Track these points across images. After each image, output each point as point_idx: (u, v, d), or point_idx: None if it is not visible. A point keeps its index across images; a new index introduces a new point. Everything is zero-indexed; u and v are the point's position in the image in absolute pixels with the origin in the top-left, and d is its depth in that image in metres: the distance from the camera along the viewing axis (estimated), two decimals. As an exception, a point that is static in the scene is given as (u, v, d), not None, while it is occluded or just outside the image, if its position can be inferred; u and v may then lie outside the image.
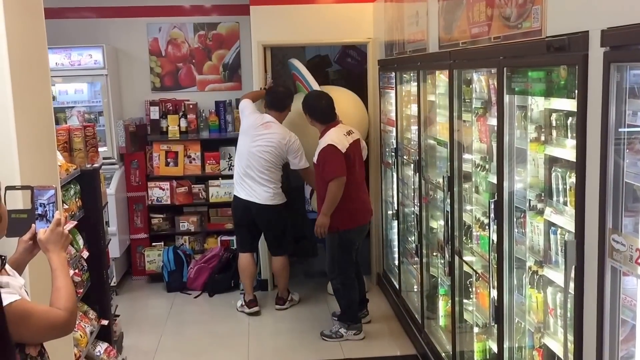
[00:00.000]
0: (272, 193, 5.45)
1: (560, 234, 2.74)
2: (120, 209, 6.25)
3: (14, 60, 2.56)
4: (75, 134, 3.95)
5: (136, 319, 5.58)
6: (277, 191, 5.51)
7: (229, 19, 6.85)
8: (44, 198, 2.32)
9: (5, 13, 2.46)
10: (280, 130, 5.42)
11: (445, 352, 4.24)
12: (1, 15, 2.45)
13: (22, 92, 2.67)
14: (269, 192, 5.44)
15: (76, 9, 6.62)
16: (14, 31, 2.58)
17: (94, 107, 6.41)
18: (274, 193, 5.47)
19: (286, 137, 5.39)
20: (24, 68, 2.74)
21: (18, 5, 2.72)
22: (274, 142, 5.38)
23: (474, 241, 3.74)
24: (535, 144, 2.89)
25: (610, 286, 2.16)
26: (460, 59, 3.60)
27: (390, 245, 6.08)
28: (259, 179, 5.43)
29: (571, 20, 2.32)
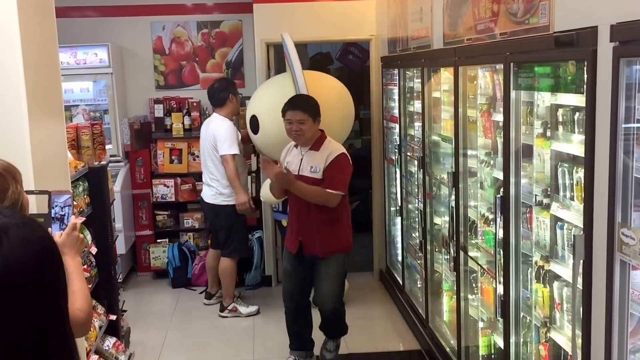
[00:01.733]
0: (215, 192, 5.48)
1: (567, 229, 2.76)
2: (125, 206, 6.28)
3: (27, 59, 2.58)
4: (83, 131, 3.98)
5: (142, 315, 5.61)
6: (221, 190, 5.44)
7: (231, 17, 6.87)
8: (60, 202, 2.35)
9: (19, 13, 2.49)
10: (214, 121, 5.46)
11: (450, 347, 4.27)
12: (15, 15, 2.48)
13: (35, 91, 2.70)
14: (212, 191, 5.49)
15: (80, 8, 6.64)
16: (27, 31, 2.61)
17: (99, 105, 6.44)
18: (216, 192, 5.47)
19: (218, 125, 5.39)
20: (36, 67, 2.77)
21: (31, 4, 2.74)
22: (207, 135, 5.45)
23: (478, 237, 3.77)
24: (541, 140, 2.92)
25: (619, 280, 2.18)
26: (465, 56, 3.63)
27: (393, 242, 6.11)
28: (206, 177, 5.57)
29: (580, 16, 2.34)
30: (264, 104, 5.18)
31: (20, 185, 2.12)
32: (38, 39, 2.86)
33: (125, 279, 6.32)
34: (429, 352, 4.62)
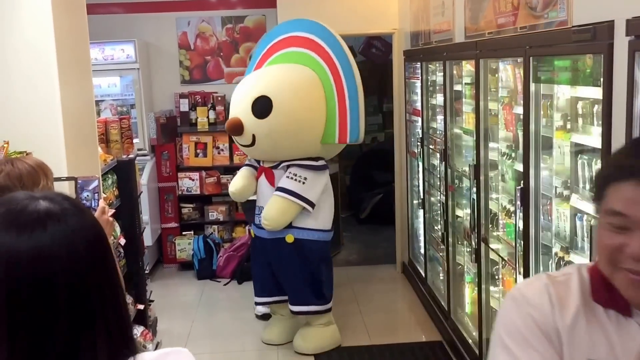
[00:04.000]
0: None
1: (586, 220, 2.79)
2: (151, 198, 6.41)
3: (61, 55, 2.69)
4: (111, 126, 4.09)
5: (169, 305, 5.73)
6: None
7: (255, 12, 6.95)
8: (89, 188, 2.44)
9: (53, 11, 2.59)
10: None
11: (471, 339, 4.31)
12: (49, 12, 2.58)
13: (67, 86, 2.81)
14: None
15: (107, 4, 6.77)
16: (60, 28, 2.71)
17: (126, 100, 6.58)
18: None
19: None
20: (69, 63, 2.88)
21: (63, 1, 2.84)
22: None
23: (500, 229, 3.80)
24: (561, 132, 2.95)
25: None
26: (486, 49, 3.66)
27: (416, 234, 6.15)
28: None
29: (597, 10, 2.37)
30: (279, 83, 4.50)
31: (50, 182, 2.23)
32: (71, 35, 2.96)
33: (151, 271, 6.45)
34: (450, 343, 4.66)
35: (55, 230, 1.03)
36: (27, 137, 2.71)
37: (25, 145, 2.64)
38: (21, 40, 2.83)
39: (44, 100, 2.75)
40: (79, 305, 1.03)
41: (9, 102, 2.89)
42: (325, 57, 4.54)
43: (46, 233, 1.02)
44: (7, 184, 2.11)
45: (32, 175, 2.15)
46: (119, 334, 1.09)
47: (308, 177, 4.45)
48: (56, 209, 1.06)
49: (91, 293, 1.05)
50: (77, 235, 1.05)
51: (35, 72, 2.74)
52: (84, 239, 1.06)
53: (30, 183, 2.13)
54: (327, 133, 4.48)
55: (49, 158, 2.61)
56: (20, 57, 2.86)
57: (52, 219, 1.04)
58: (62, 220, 1.05)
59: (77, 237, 1.05)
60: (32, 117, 2.82)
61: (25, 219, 1.03)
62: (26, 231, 1.02)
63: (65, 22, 2.88)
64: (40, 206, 1.05)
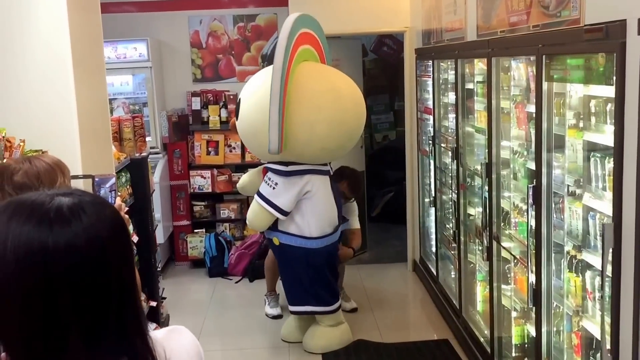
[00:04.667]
0: None
1: (599, 219, 2.79)
2: (163, 196, 6.44)
3: (76, 54, 2.72)
4: (125, 124, 4.12)
5: (180, 303, 5.77)
6: None
7: (267, 11, 6.97)
8: (107, 185, 2.47)
9: (68, 10, 2.62)
10: None
11: (483, 337, 4.32)
12: (65, 11, 2.61)
13: (82, 85, 2.84)
14: None
15: (120, 3, 6.80)
16: (76, 26, 2.74)
17: (139, 98, 6.61)
18: None
19: None
20: (84, 62, 2.90)
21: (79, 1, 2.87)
22: None
23: (512, 227, 3.80)
24: (574, 130, 2.95)
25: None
26: (498, 47, 3.66)
27: (427, 233, 6.15)
28: None
29: (609, 9, 2.37)
30: (249, 85, 4.60)
31: (68, 180, 2.26)
32: (85, 34, 2.99)
33: (163, 268, 6.48)
34: (462, 341, 4.67)
35: (81, 224, 1.06)
36: (42, 136, 2.74)
37: (40, 144, 2.67)
38: (37, 39, 2.86)
39: (60, 98, 2.78)
40: (102, 295, 1.07)
41: (25, 101, 2.93)
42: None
43: (73, 227, 1.06)
44: (25, 181, 2.15)
45: (50, 173, 2.18)
46: (135, 323, 1.13)
47: (279, 183, 4.38)
48: (77, 203, 1.09)
49: (112, 284, 1.09)
50: (100, 227, 1.09)
51: (51, 71, 2.77)
52: (107, 231, 1.10)
53: (48, 181, 2.16)
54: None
55: (64, 156, 2.64)
56: (36, 56, 2.89)
57: (76, 213, 1.08)
58: (86, 213, 1.08)
59: (101, 229, 1.09)
60: (47, 115, 2.86)
61: (51, 214, 1.06)
62: (56, 226, 1.05)
63: (80, 21, 2.91)
64: (63, 201, 1.08)
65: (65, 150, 2.31)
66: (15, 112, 2.90)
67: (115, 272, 1.10)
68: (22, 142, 2.74)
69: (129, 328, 1.12)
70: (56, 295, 1.03)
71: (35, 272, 1.03)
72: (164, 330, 1.25)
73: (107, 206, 1.16)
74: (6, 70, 2.92)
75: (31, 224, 1.05)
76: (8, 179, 2.18)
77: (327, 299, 4.67)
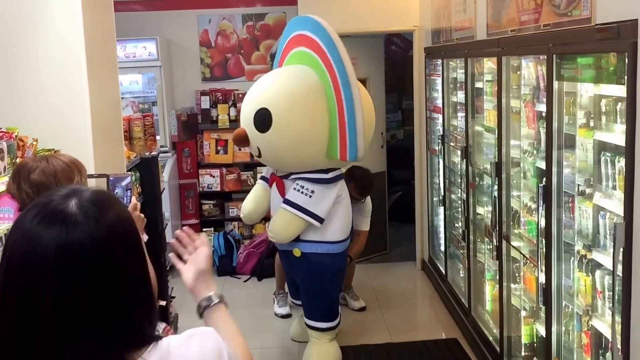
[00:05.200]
0: None
1: (609, 218, 2.79)
2: (172, 195, 6.46)
3: (90, 53, 2.74)
4: (135, 123, 4.14)
5: (189, 302, 5.71)
6: None
7: (276, 10, 6.98)
8: (122, 184, 2.48)
9: (82, 8, 2.64)
10: None
11: (492, 336, 4.31)
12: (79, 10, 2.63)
13: (95, 84, 2.86)
14: None
15: (129, 2, 6.83)
16: (90, 25, 2.76)
17: (148, 97, 6.64)
18: None
19: None
20: (97, 61, 2.93)
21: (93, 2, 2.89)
22: None
23: (521, 226, 3.80)
24: (584, 130, 2.94)
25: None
26: (509, 47, 3.66)
27: (436, 232, 6.15)
28: None
29: (620, 8, 2.37)
30: (279, 93, 4.08)
31: (84, 179, 2.28)
32: (99, 34, 3.02)
33: (171, 267, 6.48)
34: (471, 341, 4.67)
35: (89, 224, 1.13)
36: (55, 135, 2.77)
37: (53, 143, 2.69)
38: (51, 39, 2.88)
39: (73, 98, 2.80)
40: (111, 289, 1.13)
41: (39, 100, 2.95)
42: (326, 62, 3.99)
43: (83, 226, 1.12)
44: (42, 180, 2.18)
45: (67, 171, 2.21)
46: (147, 320, 1.19)
47: (315, 191, 4.10)
48: (87, 205, 1.15)
49: (122, 280, 1.15)
50: (109, 227, 1.15)
51: (65, 71, 2.80)
52: (115, 231, 1.16)
53: (65, 179, 2.19)
54: (330, 148, 4.01)
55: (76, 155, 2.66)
56: (50, 55, 2.91)
57: (83, 214, 1.14)
58: (93, 216, 1.14)
59: (110, 229, 1.15)
60: (60, 114, 2.88)
61: (61, 215, 1.12)
62: (64, 226, 1.11)
63: (94, 19, 2.93)
64: (73, 203, 1.14)
65: (77, 149, 2.33)
66: (28, 111, 2.93)
67: (122, 268, 1.15)
68: (35, 141, 2.76)
69: (139, 321, 1.17)
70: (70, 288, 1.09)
71: (53, 268, 1.09)
72: (186, 334, 1.26)
73: (123, 207, 1.23)
74: (20, 69, 2.95)
75: (52, 224, 1.11)
76: (25, 177, 2.22)
77: (337, 311, 4.46)
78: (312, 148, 3.99)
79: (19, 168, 2.31)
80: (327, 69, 3.95)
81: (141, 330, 1.17)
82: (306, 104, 3.96)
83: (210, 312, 1.53)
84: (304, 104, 3.96)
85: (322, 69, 3.99)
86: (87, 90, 2.72)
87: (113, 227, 1.15)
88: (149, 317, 1.21)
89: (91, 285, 1.10)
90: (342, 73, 3.84)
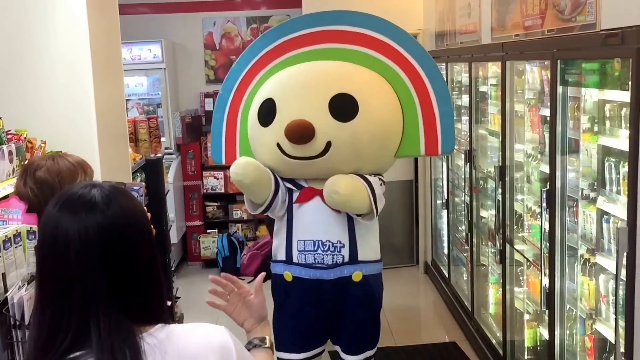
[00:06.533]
0: None
1: (613, 223, 2.80)
2: (177, 197, 6.49)
3: (95, 56, 2.77)
4: (140, 125, 4.17)
5: (193, 302, 5.79)
6: None
7: (280, 12, 7.00)
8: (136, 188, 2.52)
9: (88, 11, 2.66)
10: None
11: (495, 339, 4.33)
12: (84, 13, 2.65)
13: (101, 86, 2.88)
14: None
15: (135, 5, 6.86)
16: (95, 28, 2.79)
17: (152, 99, 6.68)
18: None
19: None
20: (102, 63, 2.95)
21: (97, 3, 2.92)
22: None
23: (525, 230, 3.81)
24: (588, 134, 2.95)
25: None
26: (513, 51, 3.67)
27: (439, 235, 6.16)
28: None
29: (625, 15, 2.39)
30: (355, 78, 3.52)
31: (89, 178, 2.32)
32: (104, 37, 3.04)
33: (176, 268, 6.53)
34: (474, 343, 4.68)
35: (111, 210, 1.30)
36: (62, 137, 2.80)
37: (60, 145, 2.71)
38: (57, 41, 2.91)
39: (79, 100, 2.83)
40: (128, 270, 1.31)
41: (46, 103, 2.98)
42: (390, 53, 3.57)
43: (102, 213, 1.29)
44: (46, 177, 2.28)
45: (71, 171, 2.28)
46: (157, 301, 1.36)
47: (383, 185, 3.50)
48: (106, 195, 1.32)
49: (138, 261, 1.33)
50: (127, 213, 1.32)
51: (71, 73, 2.83)
52: (131, 220, 1.32)
53: (69, 178, 2.27)
54: (405, 144, 3.51)
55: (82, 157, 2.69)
56: (56, 58, 2.94)
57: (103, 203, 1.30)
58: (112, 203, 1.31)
59: (128, 214, 1.32)
60: (67, 117, 2.91)
61: (81, 203, 1.30)
62: (84, 213, 1.28)
63: (99, 22, 2.96)
64: (93, 193, 1.31)
65: (83, 151, 2.38)
66: (36, 113, 2.96)
67: (139, 252, 1.33)
68: (43, 144, 2.79)
69: (149, 300, 1.34)
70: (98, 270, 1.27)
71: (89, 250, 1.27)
72: (195, 324, 1.38)
73: (133, 199, 1.40)
74: (28, 73, 2.97)
75: (75, 212, 1.28)
76: (31, 174, 2.32)
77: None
78: (392, 143, 3.50)
79: (27, 165, 2.45)
80: (393, 60, 3.55)
81: (151, 309, 1.34)
82: (388, 93, 3.50)
83: (258, 351, 1.68)
84: (386, 92, 3.49)
85: (377, 60, 3.55)
86: (92, 93, 2.75)
87: (131, 214, 1.32)
88: (159, 299, 1.37)
89: (113, 265, 1.28)
90: (429, 65, 3.51)
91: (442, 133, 3.47)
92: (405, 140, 3.52)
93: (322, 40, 3.62)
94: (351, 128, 3.31)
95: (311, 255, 3.47)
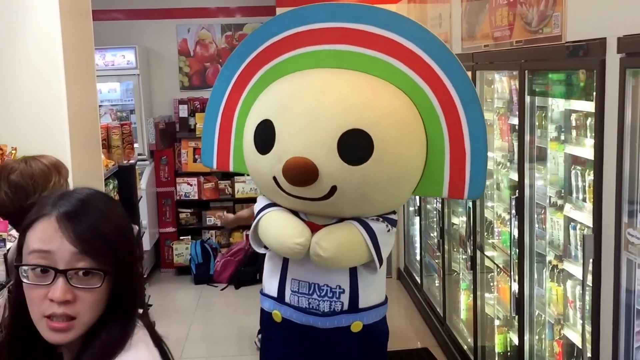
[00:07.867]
0: None
1: (579, 229, 2.86)
2: (150, 203, 6.46)
3: (68, 61, 2.76)
4: (113, 131, 4.16)
5: (166, 310, 5.78)
6: None
7: (255, 20, 7.02)
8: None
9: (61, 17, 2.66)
10: None
11: (467, 345, 4.37)
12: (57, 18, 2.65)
13: (74, 92, 2.88)
14: None
15: (109, 11, 6.82)
16: (68, 34, 2.78)
17: (126, 105, 6.65)
18: None
19: None
20: (75, 69, 2.94)
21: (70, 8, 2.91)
22: None
23: (495, 236, 3.87)
24: (555, 143, 3.02)
25: (625, 277, 2.29)
26: (483, 61, 3.74)
27: (411, 241, 6.21)
28: None
29: (590, 27, 2.45)
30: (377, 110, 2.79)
31: (64, 180, 2.33)
32: (77, 42, 3.04)
33: (149, 275, 6.50)
34: (446, 350, 4.72)
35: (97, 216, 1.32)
36: (34, 142, 2.78)
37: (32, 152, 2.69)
38: (30, 46, 2.90)
39: (51, 105, 2.82)
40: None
41: (17, 109, 2.96)
42: (420, 68, 2.81)
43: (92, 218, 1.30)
44: (19, 181, 2.28)
45: (45, 173, 2.28)
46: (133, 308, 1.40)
47: (391, 230, 3.03)
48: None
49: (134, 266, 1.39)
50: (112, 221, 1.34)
51: (43, 78, 2.82)
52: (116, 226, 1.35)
53: (43, 181, 2.26)
54: (425, 183, 2.93)
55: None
56: (28, 62, 2.92)
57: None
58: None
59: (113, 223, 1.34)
60: (39, 122, 2.89)
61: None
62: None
63: (72, 28, 2.95)
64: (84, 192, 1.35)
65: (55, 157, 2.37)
66: (7, 120, 2.94)
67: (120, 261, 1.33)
68: (14, 150, 2.77)
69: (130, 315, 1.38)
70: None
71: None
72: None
73: (115, 204, 1.42)
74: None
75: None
76: (5, 177, 2.31)
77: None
78: (408, 185, 2.94)
79: (0, 169, 2.39)
80: (427, 83, 2.82)
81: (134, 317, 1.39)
82: (412, 124, 2.84)
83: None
84: (410, 124, 2.83)
85: (409, 78, 2.83)
86: (65, 99, 2.74)
87: (125, 220, 1.38)
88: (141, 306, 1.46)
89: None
90: (466, 89, 2.78)
91: (471, 175, 2.85)
92: (426, 179, 2.92)
93: (338, 40, 2.91)
94: (362, 172, 2.74)
95: (305, 298, 2.98)
